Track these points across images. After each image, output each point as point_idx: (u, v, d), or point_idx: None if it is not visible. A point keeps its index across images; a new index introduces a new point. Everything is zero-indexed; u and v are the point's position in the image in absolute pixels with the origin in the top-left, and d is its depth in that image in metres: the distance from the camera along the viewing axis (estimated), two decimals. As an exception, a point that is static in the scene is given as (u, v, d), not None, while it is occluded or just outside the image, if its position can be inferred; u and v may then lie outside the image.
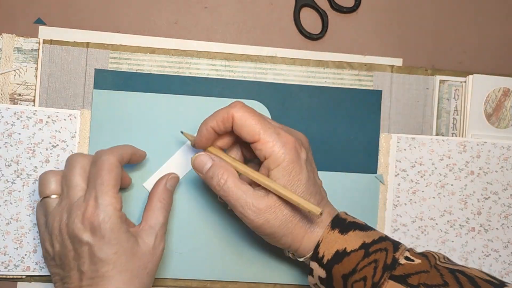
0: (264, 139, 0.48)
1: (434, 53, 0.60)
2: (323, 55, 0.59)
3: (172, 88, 0.57)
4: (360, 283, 0.46)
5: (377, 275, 0.46)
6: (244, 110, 0.49)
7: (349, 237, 0.48)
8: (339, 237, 0.48)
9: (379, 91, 0.59)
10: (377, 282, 0.46)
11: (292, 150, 0.48)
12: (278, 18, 0.59)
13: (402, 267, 0.46)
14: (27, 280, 0.56)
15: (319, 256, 0.48)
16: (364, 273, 0.46)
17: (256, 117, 0.49)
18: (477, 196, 0.58)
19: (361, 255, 0.47)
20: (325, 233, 0.48)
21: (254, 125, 0.48)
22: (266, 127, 0.48)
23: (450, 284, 0.45)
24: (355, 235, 0.48)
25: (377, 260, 0.46)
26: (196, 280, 0.56)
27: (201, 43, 0.59)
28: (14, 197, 0.55)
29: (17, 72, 0.56)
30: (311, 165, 0.51)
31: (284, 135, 0.48)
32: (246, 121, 0.48)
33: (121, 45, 0.57)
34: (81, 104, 0.56)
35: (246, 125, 0.48)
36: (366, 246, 0.47)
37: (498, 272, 0.58)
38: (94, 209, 0.47)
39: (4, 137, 0.55)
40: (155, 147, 0.56)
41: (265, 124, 0.48)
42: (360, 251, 0.47)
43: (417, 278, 0.45)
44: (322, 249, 0.48)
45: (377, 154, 0.58)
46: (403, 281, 0.45)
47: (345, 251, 0.47)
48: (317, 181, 0.51)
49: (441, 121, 0.59)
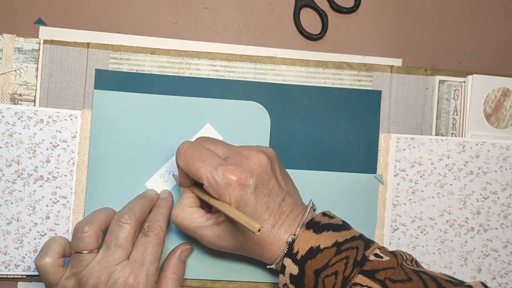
0: (207, 184, 0.49)
1: (433, 53, 0.60)
2: (323, 56, 0.59)
3: (172, 89, 0.57)
4: (331, 278, 0.48)
5: (347, 270, 0.48)
6: (185, 157, 0.50)
7: (323, 236, 0.50)
8: (314, 236, 0.50)
9: (379, 91, 0.59)
10: (348, 276, 0.48)
11: (235, 191, 0.49)
12: (278, 18, 0.60)
13: (371, 263, 0.48)
14: (27, 280, 0.56)
15: (293, 252, 0.50)
16: (335, 268, 0.48)
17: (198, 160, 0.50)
18: (476, 196, 0.58)
19: (333, 252, 0.49)
20: (301, 231, 0.50)
21: (196, 172, 0.50)
22: (207, 170, 0.49)
23: (414, 280, 0.47)
24: (328, 235, 0.50)
25: (348, 257, 0.49)
26: (196, 280, 0.56)
27: (201, 44, 0.59)
28: (15, 197, 0.55)
29: (18, 72, 0.56)
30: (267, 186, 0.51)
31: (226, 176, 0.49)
32: (188, 168, 0.50)
33: (122, 45, 0.57)
34: (81, 104, 0.56)
35: (190, 173, 0.50)
36: (338, 245, 0.49)
37: (498, 272, 0.58)
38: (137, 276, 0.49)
39: (5, 137, 0.55)
40: (155, 147, 0.57)
41: (206, 166, 0.50)
42: (333, 248, 0.49)
43: (383, 274, 0.48)
44: (297, 245, 0.50)
45: (377, 154, 0.58)
46: (371, 276, 0.48)
47: (318, 247, 0.49)
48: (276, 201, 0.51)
49: (440, 121, 0.59)
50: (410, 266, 0.50)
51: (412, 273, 0.48)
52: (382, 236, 0.58)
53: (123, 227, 0.50)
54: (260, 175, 0.51)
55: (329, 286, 0.48)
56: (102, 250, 0.50)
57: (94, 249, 0.50)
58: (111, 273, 0.49)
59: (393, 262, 0.49)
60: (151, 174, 0.56)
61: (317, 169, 0.58)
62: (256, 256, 0.52)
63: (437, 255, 0.58)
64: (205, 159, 0.50)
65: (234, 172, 0.49)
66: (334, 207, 0.55)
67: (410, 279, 0.47)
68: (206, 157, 0.50)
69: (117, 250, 0.50)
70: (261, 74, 0.58)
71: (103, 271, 0.49)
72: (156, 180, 0.56)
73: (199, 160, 0.50)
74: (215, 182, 0.49)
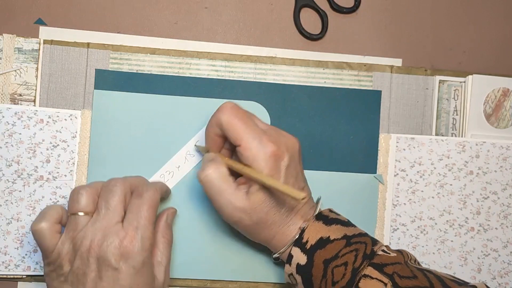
0: (245, 145, 0.49)
1: (433, 54, 0.60)
2: (323, 56, 0.59)
3: (172, 89, 0.57)
4: (341, 268, 0.49)
5: (357, 262, 0.49)
6: (231, 113, 0.50)
7: (332, 229, 0.50)
8: (323, 227, 0.50)
9: (379, 91, 0.59)
10: (357, 267, 0.48)
11: (271, 159, 0.49)
12: (278, 18, 0.60)
13: (379, 257, 0.49)
14: (27, 280, 0.56)
15: (303, 241, 0.50)
16: (345, 259, 0.49)
17: (242, 120, 0.50)
18: (476, 196, 0.58)
19: (343, 243, 0.49)
20: (311, 222, 0.50)
21: (238, 130, 0.49)
22: (249, 132, 0.49)
23: (419, 278, 0.48)
24: (337, 228, 0.51)
25: (357, 249, 0.49)
26: (196, 280, 0.56)
27: (201, 44, 0.59)
28: (15, 197, 0.55)
29: (18, 72, 0.56)
30: (295, 169, 0.51)
31: (266, 143, 0.49)
32: (230, 125, 0.50)
33: (122, 45, 0.57)
34: (81, 104, 0.57)
35: (231, 129, 0.50)
36: (347, 238, 0.50)
37: (497, 272, 0.58)
38: (132, 239, 0.48)
39: (5, 137, 0.55)
40: (155, 148, 0.57)
41: (249, 129, 0.50)
42: (342, 240, 0.50)
43: (392, 268, 0.48)
44: (306, 234, 0.50)
45: (377, 154, 0.58)
46: (380, 269, 0.48)
47: (328, 238, 0.50)
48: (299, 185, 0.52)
49: (440, 121, 0.59)
50: (414, 265, 0.50)
51: (416, 271, 0.49)
52: (382, 236, 0.58)
53: (112, 190, 0.50)
54: (292, 156, 0.51)
55: (338, 276, 0.48)
56: (95, 214, 0.49)
57: (89, 211, 0.49)
58: (106, 236, 0.48)
59: (399, 258, 0.49)
60: (151, 174, 0.56)
61: (317, 169, 0.58)
62: (265, 240, 0.52)
63: (437, 255, 0.58)
64: (248, 122, 0.50)
65: (273, 143, 0.49)
66: (334, 207, 0.54)
67: (416, 276, 0.48)
68: (249, 121, 0.50)
69: (108, 213, 0.49)
70: (261, 74, 0.58)
71: (97, 233, 0.48)
72: (157, 180, 0.56)
73: (242, 120, 0.50)
74: (254, 147, 0.49)
